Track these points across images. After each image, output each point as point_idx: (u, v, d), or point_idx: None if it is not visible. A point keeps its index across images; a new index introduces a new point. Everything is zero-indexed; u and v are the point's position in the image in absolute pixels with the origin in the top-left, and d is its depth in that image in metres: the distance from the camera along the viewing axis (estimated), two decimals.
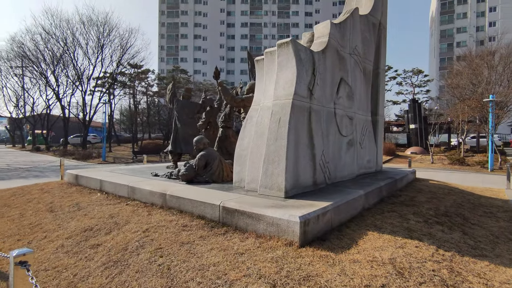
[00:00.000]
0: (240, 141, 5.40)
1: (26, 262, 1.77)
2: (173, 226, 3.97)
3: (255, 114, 5.30)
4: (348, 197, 4.48)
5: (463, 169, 18.01)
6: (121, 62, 28.90)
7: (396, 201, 5.72)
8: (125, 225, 4.17)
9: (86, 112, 28.44)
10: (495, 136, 20.88)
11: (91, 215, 4.76)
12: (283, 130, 4.47)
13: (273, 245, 3.20)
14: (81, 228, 4.22)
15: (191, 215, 4.32)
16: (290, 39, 4.85)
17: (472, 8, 56.10)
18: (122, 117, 51.33)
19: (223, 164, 5.97)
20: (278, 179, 4.38)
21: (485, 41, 52.48)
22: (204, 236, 3.57)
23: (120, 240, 3.66)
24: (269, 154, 4.53)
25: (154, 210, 4.73)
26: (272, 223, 3.43)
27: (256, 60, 5.62)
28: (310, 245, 3.26)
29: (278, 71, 4.94)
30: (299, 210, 3.57)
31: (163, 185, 5.41)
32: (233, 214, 3.82)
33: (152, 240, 3.55)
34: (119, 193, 5.81)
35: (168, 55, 71.29)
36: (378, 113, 8.14)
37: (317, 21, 70.37)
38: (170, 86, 8.46)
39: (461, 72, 21.89)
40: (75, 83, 28.15)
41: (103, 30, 26.85)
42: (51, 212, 5.22)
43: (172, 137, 8.10)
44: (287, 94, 4.67)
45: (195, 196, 4.44)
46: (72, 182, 7.36)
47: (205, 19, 71.84)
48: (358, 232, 3.78)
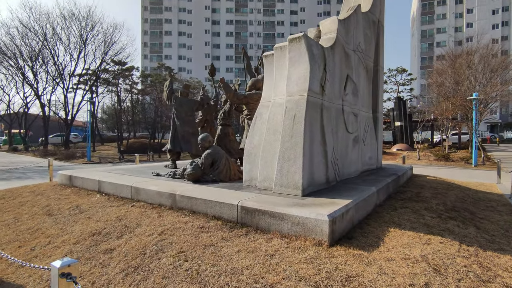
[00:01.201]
0: (249, 139, 5.26)
1: (71, 274, 1.57)
2: (190, 227, 3.79)
3: (265, 111, 5.18)
4: (363, 194, 4.45)
5: (448, 164, 18.60)
6: (105, 59, 27.91)
7: (403, 197, 5.76)
8: (137, 228, 3.95)
9: (68, 110, 27.28)
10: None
11: (96, 218, 4.49)
12: (298, 126, 4.38)
13: (302, 245, 3.10)
14: (88, 232, 3.96)
15: (206, 216, 4.16)
16: (302, 34, 4.74)
17: (451, 9, 58.13)
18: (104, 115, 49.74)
19: (230, 163, 5.81)
20: (295, 177, 4.28)
21: (463, 41, 54.60)
22: (226, 238, 3.42)
23: (135, 244, 3.45)
24: (284, 151, 4.43)
25: (164, 212, 4.52)
26: (298, 222, 3.33)
27: (265, 55, 5.48)
28: (339, 244, 3.19)
29: (290, 67, 4.83)
30: (324, 208, 3.49)
31: (170, 185, 5.19)
32: (253, 214, 3.69)
33: (171, 243, 3.37)
34: (121, 194, 5.53)
35: (151, 52, 69.65)
36: (378, 110, 8.21)
37: (302, 20, 70.87)
38: (167, 82, 8.18)
39: (444, 71, 22.59)
40: (55, 80, 26.91)
41: (86, 25, 25.79)
42: (50, 215, 4.90)
43: (171, 136, 7.83)
44: (301, 90, 4.57)
45: (209, 196, 4.27)
46: (66, 183, 6.98)
47: (189, 15, 70.65)
48: (380, 229, 3.75)
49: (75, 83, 29.00)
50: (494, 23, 54.48)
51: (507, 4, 53.84)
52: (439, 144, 29.57)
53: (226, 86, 7.03)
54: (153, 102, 33.46)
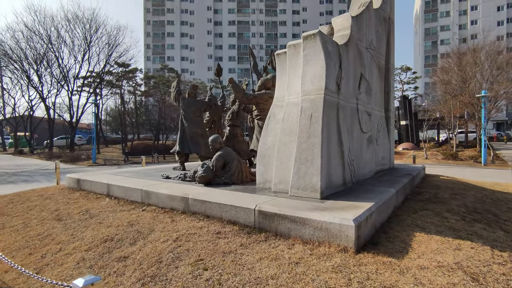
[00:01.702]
0: (263, 140, 5.10)
1: None
2: (205, 233, 3.64)
3: (279, 111, 5.02)
4: (384, 196, 4.28)
5: (457, 163, 18.32)
6: (109, 61, 27.90)
7: (421, 198, 5.58)
8: (150, 233, 3.80)
9: (73, 112, 27.30)
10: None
11: (106, 223, 4.35)
12: (316, 127, 4.21)
13: (327, 252, 2.94)
14: (100, 239, 3.82)
15: (221, 221, 4.00)
16: (317, 30, 4.58)
17: (455, 6, 57.64)
18: (108, 117, 49.86)
19: (241, 165, 5.66)
20: (313, 179, 4.12)
21: (467, 39, 54.08)
22: (245, 244, 3.27)
23: (150, 251, 3.30)
24: (301, 153, 4.26)
25: (177, 216, 4.37)
26: (321, 227, 3.17)
27: (277, 54, 5.33)
28: (365, 250, 3.02)
29: (305, 65, 4.66)
30: (347, 212, 3.32)
31: (181, 188, 5.04)
32: (272, 218, 3.53)
33: (188, 251, 3.22)
34: (131, 198, 5.40)
35: (154, 53, 69.79)
36: (390, 109, 8.02)
37: (304, 19, 70.66)
38: (174, 83, 8.04)
39: (451, 68, 22.31)
40: (60, 82, 26.95)
41: (90, 27, 25.81)
42: (59, 220, 4.77)
43: (179, 137, 7.69)
44: (317, 89, 4.41)
45: (224, 199, 4.12)
46: (74, 186, 6.86)
47: (191, 17, 70.72)
48: (405, 234, 3.57)
49: (79, 86, 29.05)
50: (499, 19, 53.92)
51: None
52: (445, 142, 29.23)
53: (235, 86, 6.88)
54: (157, 103, 33.43)
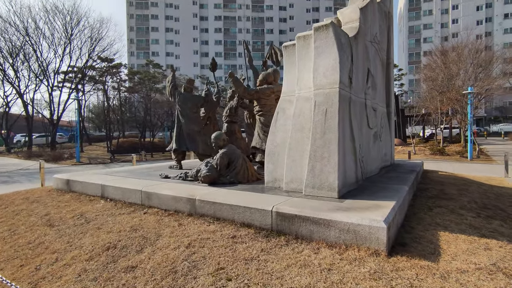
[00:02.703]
0: (271, 136, 4.85)
1: None
2: (219, 238, 3.37)
3: (289, 106, 4.78)
4: (401, 194, 4.13)
5: (444, 159, 18.73)
6: (92, 55, 26.75)
7: (429, 195, 5.50)
8: (158, 239, 3.49)
9: (54, 109, 26.04)
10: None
11: (106, 228, 4.00)
12: (331, 122, 4.00)
13: (357, 256, 2.74)
14: (101, 246, 3.48)
15: (233, 223, 3.74)
16: (329, 21, 4.36)
17: (437, 5, 59.02)
18: (91, 114, 48.16)
19: (247, 162, 5.39)
20: (329, 177, 3.91)
21: (449, 37, 55.57)
22: (266, 249, 3.02)
23: (162, 260, 3.00)
24: (316, 149, 4.05)
25: (183, 219, 4.07)
26: (348, 229, 2.96)
27: (285, 46, 5.07)
28: (396, 252, 2.84)
29: (316, 57, 4.43)
30: (372, 212, 3.13)
31: (185, 188, 4.73)
32: (292, 220, 3.30)
33: (204, 258, 2.94)
34: (129, 200, 5.04)
35: (138, 49, 67.77)
36: (390, 104, 7.94)
37: (291, 16, 70.55)
38: (169, 77, 7.64)
39: (438, 65, 22.77)
40: (39, 77, 25.59)
41: (71, 19, 24.58)
42: (51, 226, 4.36)
43: (176, 134, 7.31)
44: (331, 83, 4.19)
45: (236, 200, 3.85)
46: (63, 188, 6.39)
47: (176, 11, 69.06)
48: (429, 233, 3.43)
49: (60, 81, 27.71)
50: (478, 19, 55.66)
51: (491, 1, 55.10)
52: (430, 138, 29.93)
53: (236, 81, 6.58)
54: (143, 100, 32.47)
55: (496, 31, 53.08)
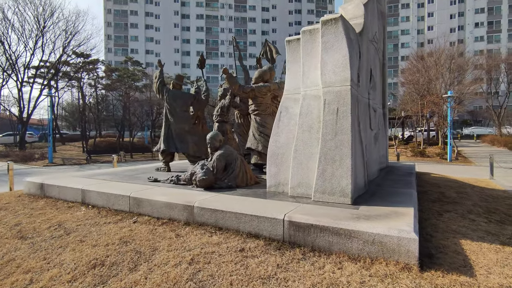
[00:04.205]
0: (274, 137, 4.50)
1: None
2: (226, 251, 2.97)
3: (293, 105, 4.46)
4: (413, 199, 3.93)
5: (425, 160, 19.20)
6: (66, 50, 25.19)
7: (431, 198, 5.37)
8: (154, 254, 3.04)
9: (24, 106, 24.26)
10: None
11: (90, 241, 3.48)
12: (344, 122, 3.72)
13: (387, 272, 2.45)
14: (85, 263, 2.97)
15: (238, 234, 3.35)
16: (339, 15, 4.08)
17: (414, 12, 61.27)
18: (64, 112, 45.72)
19: (245, 165, 5.01)
20: (342, 182, 3.62)
21: (424, 43, 57.84)
22: (282, 265, 2.67)
23: (161, 280, 2.56)
24: (326, 152, 3.74)
25: (180, 229, 3.63)
26: (373, 241, 2.67)
27: (288, 40, 4.75)
28: (427, 266, 2.58)
29: (324, 53, 4.14)
30: (396, 221, 2.87)
31: (180, 194, 4.28)
32: (308, 230, 2.97)
33: (213, 277, 2.54)
34: (115, 207, 4.51)
35: (116, 45, 65.25)
36: (385, 105, 7.84)
37: (274, 17, 70.71)
38: (157, 73, 7.10)
39: (419, 69, 23.45)
40: (6, 71, 23.77)
41: (44, 10, 23.01)
42: (23, 239, 3.77)
43: (164, 134, 6.79)
44: (342, 80, 3.91)
45: (241, 208, 3.47)
46: (36, 193, 5.72)
47: (157, 8, 67.23)
48: (450, 242, 3.21)
49: (30, 76, 25.91)
50: (452, 27, 58.35)
51: (463, 10, 57.94)
52: (409, 140, 30.80)
53: (230, 78, 6.19)
54: (121, 98, 31.12)
55: (467, 39, 55.82)
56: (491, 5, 56.56)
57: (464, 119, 53.22)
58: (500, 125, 32.47)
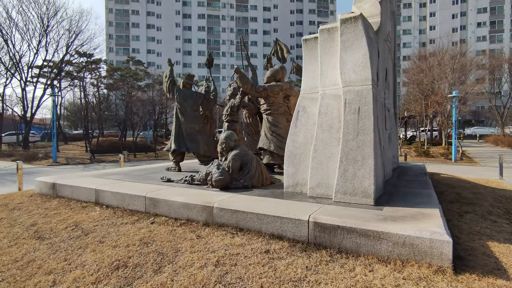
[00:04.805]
0: (292, 137, 4.45)
1: None
2: (251, 253, 2.93)
3: (310, 104, 4.41)
4: (435, 200, 3.87)
5: (430, 160, 19.13)
6: (70, 49, 25.16)
7: (448, 199, 5.32)
8: (177, 255, 2.99)
9: (28, 105, 24.25)
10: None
11: (110, 242, 3.44)
12: (366, 122, 3.67)
13: (421, 275, 2.40)
14: (108, 265, 2.93)
15: (260, 235, 3.31)
16: (358, 13, 4.03)
17: (416, 12, 61.20)
18: (66, 112, 45.75)
19: (261, 165, 4.96)
20: (364, 182, 3.57)
21: (426, 43, 57.73)
22: (311, 267, 2.62)
23: (189, 283, 2.52)
24: (347, 152, 3.70)
25: (200, 230, 3.59)
26: (404, 243, 2.62)
27: (305, 39, 4.70)
28: (460, 269, 2.53)
29: (343, 52, 4.09)
30: (425, 223, 2.82)
31: (198, 194, 4.23)
32: (334, 232, 2.92)
33: (242, 279, 2.49)
34: (130, 207, 4.47)
35: (117, 45, 65.22)
36: (396, 106, 7.79)
37: (275, 17, 70.61)
38: (167, 72, 7.05)
39: (422, 69, 23.39)
40: (10, 71, 23.75)
41: (47, 9, 22.98)
42: (41, 239, 3.73)
43: (175, 134, 6.74)
44: (363, 79, 3.86)
45: (262, 209, 3.42)
46: (47, 193, 5.68)
47: (158, 7, 67.20)
48: (477, 244, 3.16)
49: (33, 76, 25.88)
50: (454, 26, 58.22)
51: (465, 10, 57.81)
52: (411, 139, 30.74)
53: (242, 77, 6.14)
54: (124, 98, 31.10)
55: (470, 39, 55.70)
56: (493, 4, 56.39)
57: (466, 119, 53.18)
58: (503, 125, 32.39)
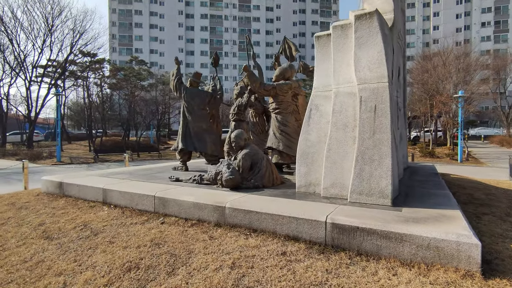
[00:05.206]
0: (304, 136, 4.35)
1: None
2: (267, 255, 2.83)
3: (324, 102, 4.31)
4: (452, 201, 3.76)
5: (435, 161, 18.94)
6: (74, 49, 25.16)
7: (462, 200, 5.20)
8: (190, 257, 2.90)
9: (32, 105, 24.26)
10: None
11: (120, 242, 3.35)
12: (383, 120, 3.57)
13: (448, 280, 2.29)
14: (119, 266, 2.84)
15: (275, 236, 3.21)
16: (374, 9, 3.93)
17: (419, 12, 60.88)
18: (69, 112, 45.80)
19: (271, 165, 4.87)
20: (381, 182, 3.47)
21: (430, 43, 57.40)
22: (331, 270, 2.52)
23: (204, 286, 2.43)
24: (363, 151, 3.59)
25: (212, 231, 3.50)
26: (428, 245, 2.52)
27: (317, 36, 4.60)
28: (489, 273, 2.42)
29: (357, 49, 3.99)
30: (449, 224, 2.71)
31: (209, 194, 4.15)
32: (353, 233, 2.82)
33: (260, 283, 2.40)
34: (138, 207, 4.39)
35: (120, 45, 65.33)
36: (405, 105, 7.67)
37: (278, 16, 70.49)
38: (174, 70, 6.97)
39: (427, 69, 23.21)
40: (14, 70, 23.79)
41: (52, 9, 22.99)
42: (49, 239, 3.65)
43: (182, 133, 6.66)
44: (378, 77, 3.76)
45: (277, 209, 3.32)
46: (54, 192, 5.61)
47: (161, 7, 67.28)
48: (501, 247, 3.05)
49: (37, 75, 25.91)
50: (458, 26, 57.85)
51: (469, 10, 57.43)
52: (415, 140, 30.53)
53: (251, 75, 6.05)
54: (127, 97, 31.11)
55: (474, 39, 55.33)
56: (498, 4, 55.96)
57: (470, 120, 52.82)
58: (509, 125, 32.11)
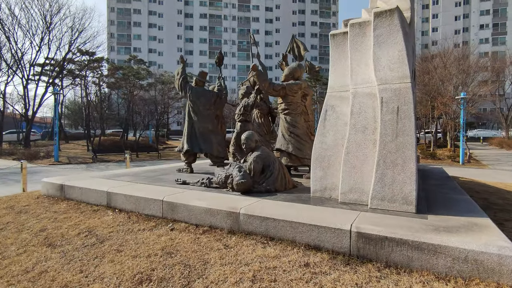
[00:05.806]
0: (320, 138, 4.17)
1: None
2: (289, 266, 2.64)
3: (340, 103, 4.13)
4: (477, 207, 3.60)
5: (437, 162, 18.85)
6: (73, 47, 24.85)
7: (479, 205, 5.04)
8: (206, 268, 2.71)
9: (29, 104, 23.91)
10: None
11: (129, 251, 3.15)
12: (406, 123, 3.40)
13: None
14: (129, 278, 2.64)
15: (294, 245, 3.02)
16: (395, 6, 3.76)
17: (418, 13, 61.00)
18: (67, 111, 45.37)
19: (283, 168, 4.68)
20: (404, 188, 3.30)
21: (429, 45, 57.54)
22: (361, 285, 2.34)
23: None
24: (385, 155, 3.42)
25: (225, 238, 3.30)
26: (465, 258, 2.34)
27: (333, 34, 4.42)
28: None
29: (376, 48, 3.81)
30: (486, 235, 2.54)
31: (221, 199, 3.95)
32: (381, 243, 2.64)
33: None
34: (146, 211, 4.18)
35: (119, 44, 64.86)
36: (415, 106, 7.51)
37: (277, 17, 70.37)
38: (179, 69, 6.76)
39: (429, 71, 23.14)
40: (11, 68, 23.43)
41: (51, 6, 22.66)
42: (52, 247, 3.44)
43: (187, 133, 6.45)
44: (400, 77, 3.59)
45: (297, 216, 3.14)
46: (55, 194, 5.39)
47: (160, 7, 66.94)
48: None
49: (35, 74, 25.55)
50: (456, 28, 58.06)
51: (468, 12, 57.66)
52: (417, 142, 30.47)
53: (260, 75, 5.86)
54: (126, 97, 30.82)
55: (472, 41, 55.52)
56: (496, 7, 56.25)
57: (469, 121, 52.97)
58: (508, 127, 32.16)
